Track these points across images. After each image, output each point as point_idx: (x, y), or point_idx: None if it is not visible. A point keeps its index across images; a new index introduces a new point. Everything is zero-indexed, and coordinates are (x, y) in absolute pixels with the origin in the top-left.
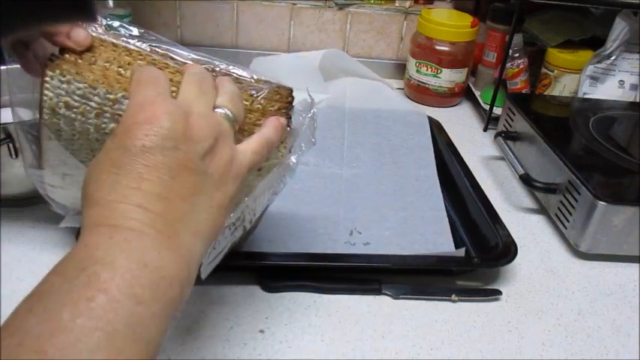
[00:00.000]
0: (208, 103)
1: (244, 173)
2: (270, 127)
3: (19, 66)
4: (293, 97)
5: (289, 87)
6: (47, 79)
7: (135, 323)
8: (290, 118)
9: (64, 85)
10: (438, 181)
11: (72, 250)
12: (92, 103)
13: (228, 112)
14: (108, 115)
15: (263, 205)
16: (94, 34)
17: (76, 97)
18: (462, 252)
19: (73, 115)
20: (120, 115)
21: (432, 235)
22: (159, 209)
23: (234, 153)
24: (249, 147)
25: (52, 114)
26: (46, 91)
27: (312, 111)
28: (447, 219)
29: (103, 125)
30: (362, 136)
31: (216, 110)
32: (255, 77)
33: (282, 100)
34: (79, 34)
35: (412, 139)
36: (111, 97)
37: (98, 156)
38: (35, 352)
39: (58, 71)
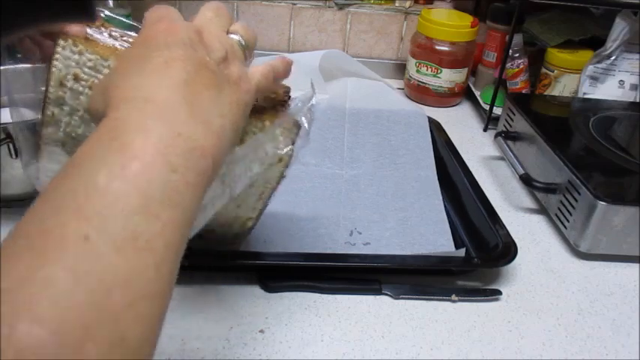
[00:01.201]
0: (223, 26)
1: (253, 92)
2: (277, 59)
3: (18, 66)
4: (290, 96)
5: (287, 86)
6: (59, 49)
7: (170, 190)
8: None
9: (76, 56)
10: (437, 183)
11: (101, 123)
12: (101, 76)
13: (241, 39)
14: None
15: (244, 180)
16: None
17: (86, 70)
18: (462, 252)
19: (81, 89)
20: None
21: (432, 235)
22: (186, 91)
23: (245, 70)
24: (258, 69)
25: (59, 87)
26: (55, 62)
27: (310, 102)
28: (447, 220)
29: None
30: (362, 136)
31: (230, 35)
32: None
33: (279, 97)
34: (75, 28)
35: (412, 140)
36: None
37: (121, 56)
38: (72, 213)
39: (70, 41)
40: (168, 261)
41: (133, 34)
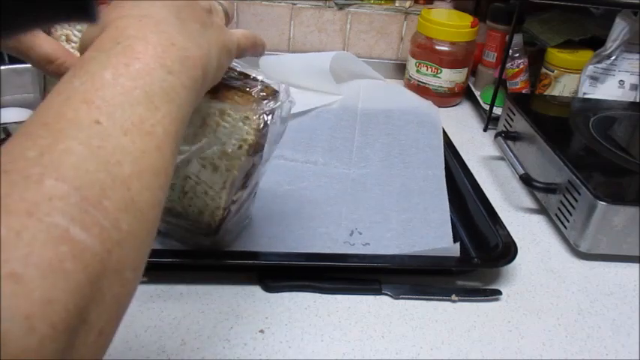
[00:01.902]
0: None
1: (234, 43)
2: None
3: (17, 66)
4: (265, 94)
5: (275, 88)
6: None
7: (168, 87)
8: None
9: None
10: (444, 182)
11: (103, 33)
12: None
13: (222, 5)
14: None
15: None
16: None
17: (75, 32)
18: (457, 247)
19: (72, 50)
20: None
21: (433, 238)
22: (178, 15)
23: (227, 29)
24: (238, 31)
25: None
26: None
27: (279, 103)
28: (449, 221)
29: None
30: (372, 136)
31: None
32: (254, 75)
33: (252, 91)
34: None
35: (423, 139)
36: None
37: None
38: (83, 102)
39: None
40: (167, 144)
41: None
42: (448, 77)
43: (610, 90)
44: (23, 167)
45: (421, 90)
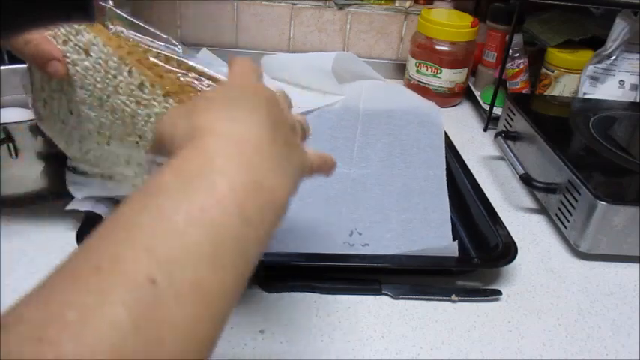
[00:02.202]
0: (289, 106)
1: (309, 167)
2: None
3: (17, 66)
4: None
5: None
6: None
7: (241, 242)
8: None
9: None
10: (445, 182)
11: (186, 150)
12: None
13: (302, 122)
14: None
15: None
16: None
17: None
18: (455, 245)
19: None
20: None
21: (432, 239)
22: (269, 139)
23: (303, 149)
24: (311, 151)
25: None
26: None
27: None
28: (449, 221)
29: None
30: (374, 136)
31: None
32: (209, 72)
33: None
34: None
35: (425, 139)
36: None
37: (205, 94)
38: (145, 249)
39: None
40: (223, 310)
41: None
42: (448, 77)
43: (610, 90)
44: (57, 338)
45: (421, 90)
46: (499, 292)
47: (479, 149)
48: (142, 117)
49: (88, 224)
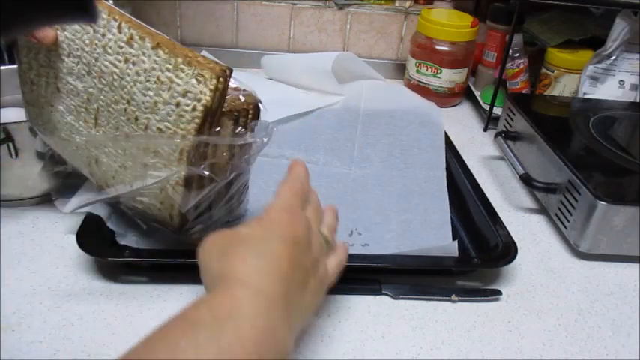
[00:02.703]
0: (320, 225)
1: (328, 285)
2: (343, 252)
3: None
4: (258, 109)
5: (257, 98)
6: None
7: None
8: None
9: None
10: (445, 183)
11: (220, 285)
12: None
13: (327, 238)
14: None
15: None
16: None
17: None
18: (455, 245)
19: None
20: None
21: (433, 240)
22: (288, 294)
23: (326, 267)
24: (333, 262)
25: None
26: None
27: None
28: (449, 222)
29: None
30: (374, 136)
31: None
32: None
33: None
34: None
35: (425, 140)
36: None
37: (240, 234)
38: None
39: None
40: None
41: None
42: (448, 77)
43: (610, 90)
44: None
45: (421, 90)
46: (499, 292)
47: (479, 149)
48: (130, 77)
49: (88, 225)
